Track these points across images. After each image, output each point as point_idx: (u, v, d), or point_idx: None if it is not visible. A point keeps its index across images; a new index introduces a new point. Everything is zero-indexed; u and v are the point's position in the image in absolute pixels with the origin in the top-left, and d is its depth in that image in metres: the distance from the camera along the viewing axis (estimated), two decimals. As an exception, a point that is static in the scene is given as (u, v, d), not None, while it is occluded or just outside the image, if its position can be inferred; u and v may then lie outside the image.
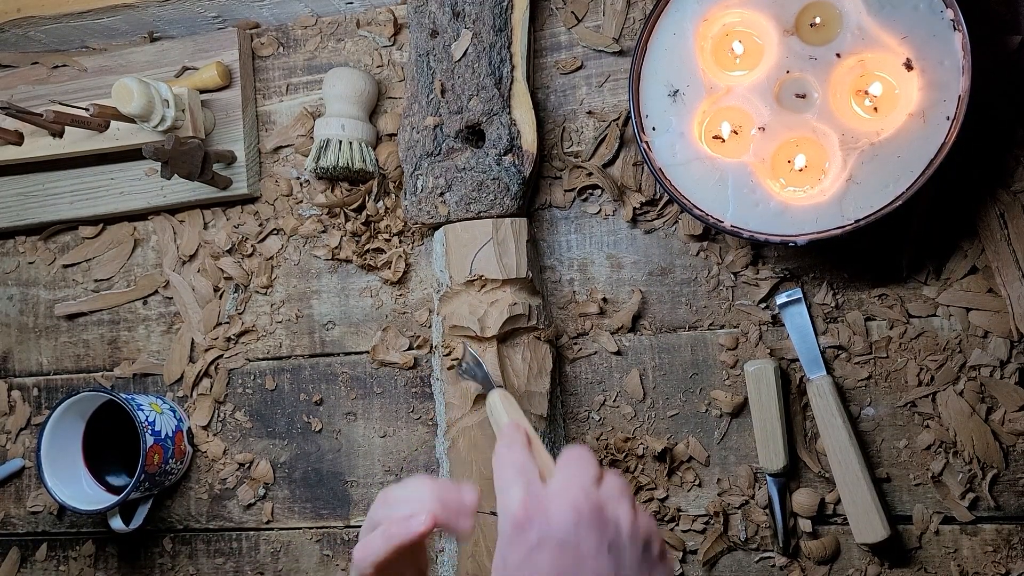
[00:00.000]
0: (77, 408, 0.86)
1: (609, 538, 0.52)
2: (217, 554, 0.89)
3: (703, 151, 0.72)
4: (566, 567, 0.51)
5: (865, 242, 0.75)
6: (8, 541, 0.94)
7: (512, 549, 0.52)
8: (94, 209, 0.91)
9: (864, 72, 0.69)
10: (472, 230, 0.77)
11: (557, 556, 0.51)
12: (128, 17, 0.90)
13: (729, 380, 0.77)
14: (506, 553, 0.52)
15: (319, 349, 0.87)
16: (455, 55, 0.79)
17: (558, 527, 0.51)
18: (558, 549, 0.51)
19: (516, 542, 0.52)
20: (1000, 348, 0.72)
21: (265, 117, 0.90)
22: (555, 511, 0.52)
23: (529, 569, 0.51)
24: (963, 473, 0.73)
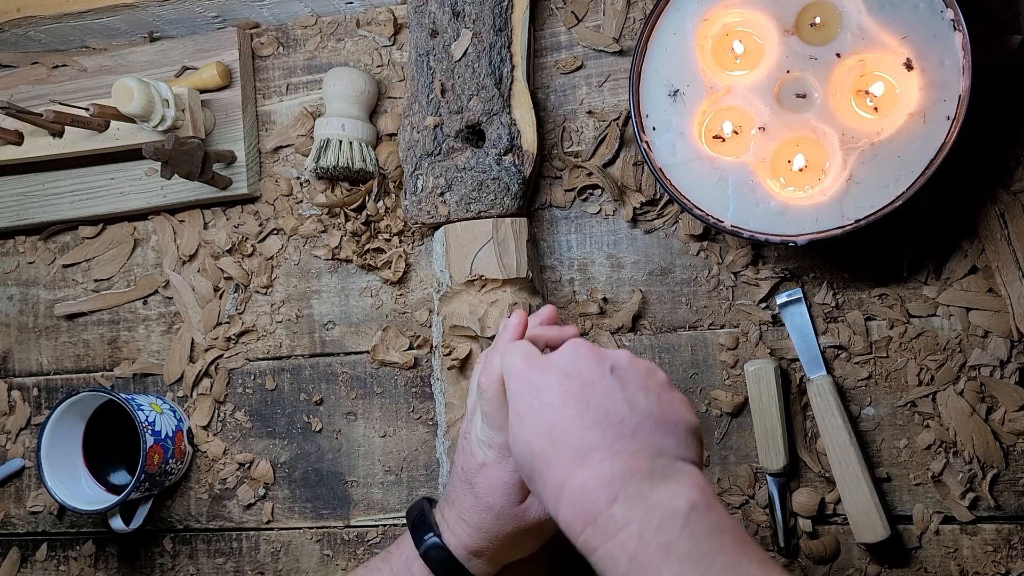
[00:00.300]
0: (77, 408, 0.86)
1: (609, 364, 0.55)
2: (217, 554, 0.89)
3: (703, 151, 0.72)
4: (573, 389, 0.53)
5: (865, 242, 0.75)
6: (8, 541, 0.94)
7: (520, 398, 0.55)
8: (94, 209, 0.91)
9: (864, 72, 0.69)
10: (472, 230, 0.77)
11: (563, 383, 0.54)
12: (128, 17, 0.90)
13: (729, 380, 0.77)
14: (516, 404, 0.55)
15: (319, 349, 0.87)
16: (455, 55, 0.79)
17: (559, 361, 0.55)
18: (563, 375, 0.54)
19: (521, 397, 0.55)
20: (1000, 348, 0.72)
21: (265, 117, 0.90)
22: (555, 356, 0.56)
23: (538, 405, 0.53)
24: (963, 473, 0.73)
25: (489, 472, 0.61)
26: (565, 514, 0.50)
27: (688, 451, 0.53)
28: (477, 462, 0.62)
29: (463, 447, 0.64)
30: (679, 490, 0.49)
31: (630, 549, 0.47)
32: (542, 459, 0.52)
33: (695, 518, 0.47)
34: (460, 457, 0.64)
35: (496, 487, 0.61)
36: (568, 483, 0.50)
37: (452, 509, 0.64)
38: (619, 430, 0.51)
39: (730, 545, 0.47)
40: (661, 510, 0.48)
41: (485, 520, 0.62)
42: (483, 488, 0.62)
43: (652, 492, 0.49)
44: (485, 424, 0.61)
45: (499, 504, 0.61)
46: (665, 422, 0.53)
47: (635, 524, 0.47)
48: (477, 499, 0.62)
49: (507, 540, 0.62)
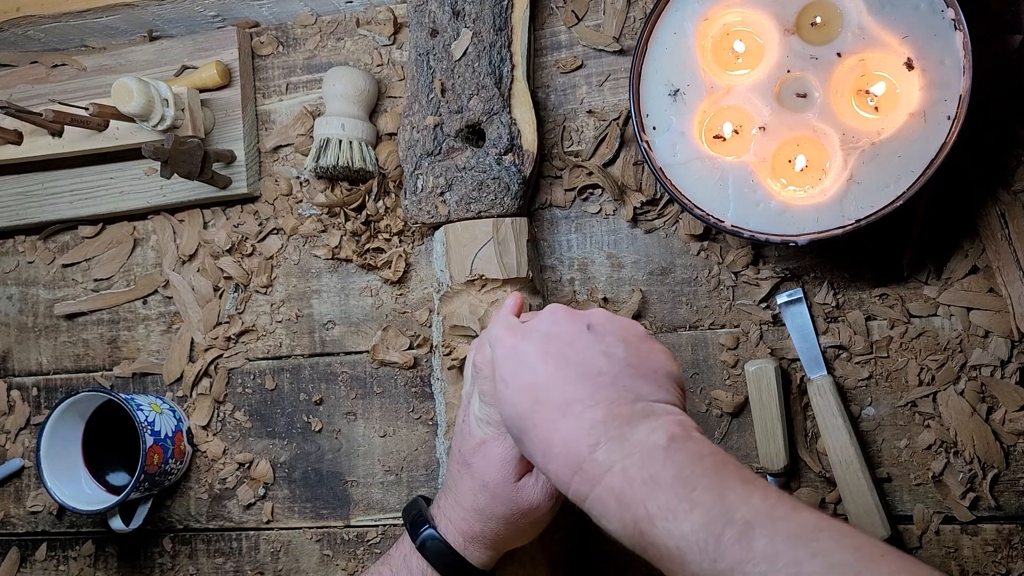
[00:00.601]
0: (77, 408, 0.86)
1: (586, 322, 0.57)
2: (217, 554, 0.88)
3: (704, 151, 0.72)
4: (552, 349, 0.55)
5: (866, 242, 0.75)
6: (8, 541, 0.94)
7: (506, 364, 0.57)
8: (94, 208, 0.91)
9: (865, 71, 0.69)
10: (472, 230, 0.77)
11: (543, 345, 0.56)
12: (127, 16, 0.90)
13: (730, 380, 0.77)
14: (501, 371, 0.57)
15: (319, 349, 0.87)
16: (455, 54, 0.78)
17: (538, 325, 0.58)
18: (542, 340, 0.56)
19: (506, 362, 0.57)
20: (1001, 348, 0.72)
21: (265, 116, 0.90)
22: (533, 321, 0.59)
23: (521, 368, 0.56)
24: (964, 473, 0.73)
25: (487, 449, 0.62)
26: (554, 466, 0.52)
27: (668, 395, 0.54)
28: (476, 441, 0.63)
29: (461, 430, 0.65)
30: (657, 425, 0.50)
31: (617, 489, 0.48)
32: (528, 418, 0.54)
33: (675, 448, 0.49)
34: (458, 441, 0.65)
35: (493, 463, 0.62)
36: (553, 436, 0.52)
37: (448, 495, 0.65)
38: (598, 380, 0.53)
39: (711, 468, 0.48)
40: (641, 447, 0.49)
41: (480, 500, 0.63)
42: (480, 466, 0.63)
43: (632, 432, 0.50)
44: (483, 402, 0.63)
45: (495, 480, 0.62)
46: (643, 370, 0.55)
47: (618, 465, 0.49)
48: (474, 479, 0.63)
49: (502, 522, 0.63)
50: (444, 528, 0.64)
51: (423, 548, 0.64)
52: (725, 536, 0.44)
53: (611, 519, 0.49)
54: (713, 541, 0.44)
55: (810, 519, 0.45)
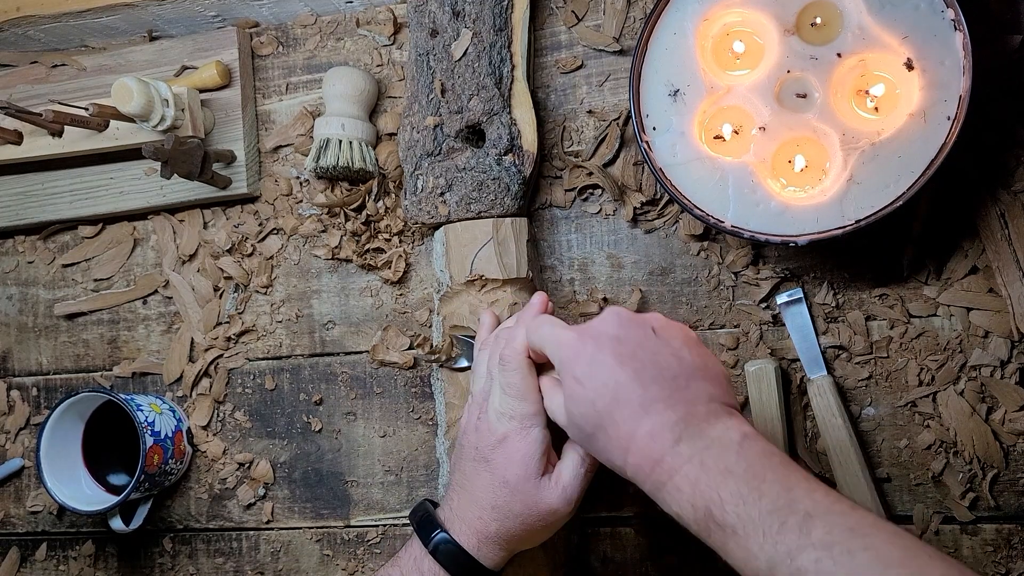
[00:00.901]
0: (76, 408, 0.86)
1: (651, 325, 0.61)
2: (217, 554, 0.88)
3: (703, 151, 0.72)
4: (626, 352, 0.58)
5: (866, 242, 0.75)
6: (8, 541, 0.94)
7: (577, 364, 0.59)
8: (94, 209, 0.91)
9: (865, 72, 0.69)
10: (472, 230, 0.77)
11: (616, 347, 0.59)
12: (127, 16, 0.90)
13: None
14: (573, 370, 0.59)
15: (319, 349, 0.87)
16: (455, 55, 0.78)
17: (606, 329, 0.60)
18: (615, 342, 0.59)
19: (578, 362, 0.59)
20: (1001, 348, 0.72)
21: (265, 116, 0.90)
22: (598, 324, 0.61)
23: (597, 368, 0.58)
24: (963, 473, 0.73)
25: (509, 444, 0.63)
26: (635, 459, 0.56)
27: (730, 397, 0.60)
28: (496, 436, 0.64)
29: (478, 427, 0.65)
30: (731, 425, 0.56)
31: (693, 477, 0.54)
32: (607, 415, 0.57)
33: (747, 445, 0.54)
34: (473, 438, 0.66)
35: (515, 459, 0.63)
36: (637, 432, 0.56)
37: (461, 494, 0.66)
38: (675, 383, 0.58)
39: (779, 465, 0.53)
40: (718, 442, 0.55)
41: (500, 497, 0.64)
42: (500, 462, 0.64)
43: (709, 430, 0.56)
44: (507, 395, 0.64)
45: (516, 476, 0.63)
46: (709, 373, 0.60)
47: (697, 457, 0.54)
48: (493, 475, 0.64)
49: (519, 521, 0.64)
50: (457, 529, 0.65)
51: (436, 552, 0.64)
52: (788, 523, 0.50)
53: (683, 503, 0.54)
54: (777, 526, 0.50)
55: (866, 517, 0.50)
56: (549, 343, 0.62)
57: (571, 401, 0.59)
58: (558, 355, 0.61)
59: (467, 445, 0.66)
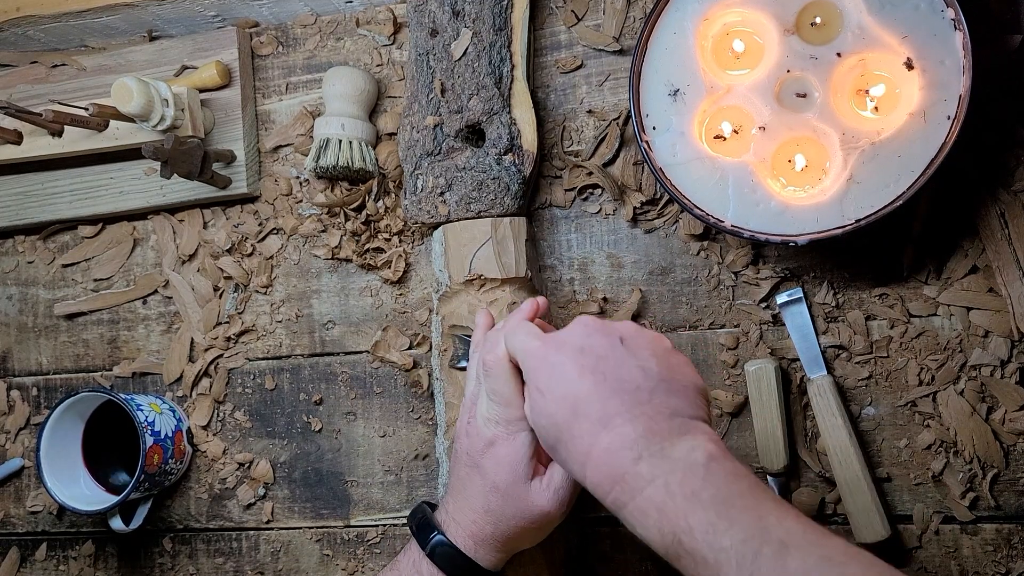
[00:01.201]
0: (76, 408, 0.86)
1: (618, 335, 0.59)
2: (217, 554, 0.88)
3: (703, 150, 0.72)
4: (588, 363, 0.57)
5: (866, 242, 0.75)
6: (8, 541, 0.94)
7: (540, 374, 0.58)
8: (93, 208, 0.91)
9: (865, 71, 0.69)
10: (471, 229, 0.77)
11: (578, 358, 0.57)
12: (127, 16, 0.90)
13: (729, 380, 0.77)
14: (536, 381, 0.59)
15: (319, 349, 0.87)
16: (455, 54, 0.78)
17: (571, 338, 0.59)
18: (578, 353, 0.58)
19: (540, 373, 0.58)
20: (1001, 348, 0.72)
21: (265, 116, 0.90)
22: (563, 334, 0.60)
23: (558, 379, 0.57)
24: (963, 473, 0.73)
25: (497, 450, 0.63)
26: (593, 476, 0.54)
27: (699, 410, 0.57)
28: (484, 441, 0.63)
29: (468, 432, 0.65)
30: (696, 444, 0.53)
31: (658, 501, 0.51)
32: (566, 429, 0.56)
33: (714, 467, 0.52)
34: (464, 443, 0.65)
35: (503, 464, 0.63)
36: (594, 448, 0.54)
37: (456, 498, 0.65)
38: (636, 396, 0.55)
39: (748, 490, 0.51)
40: (683, 463, 0.52)
41: (491, 501, 0.63)
42: (490, 467, 0.63)
43: (672, 449, 0.53)
44: (492, 402, 0.63)
45: (506, 482, 0.63)
46: (676, 385, 0.57)
47: (660, 479, 0.52)
48: (484, 480, 0.63)
49: (512, 523, 0.63)
50: (453, 532, 0.64)
51: (433, 555, 0.64)
52: (763, 553, 0.47)
53: (649, 528, 0.52)
54: (751, 556, 0.47)
55: (840, 545, 0.48)
56: (519, 352, 0.61)
57: (533, 412, 0.59)
58: (525, 365, 0.60)
59: (460, 450, 0.66)
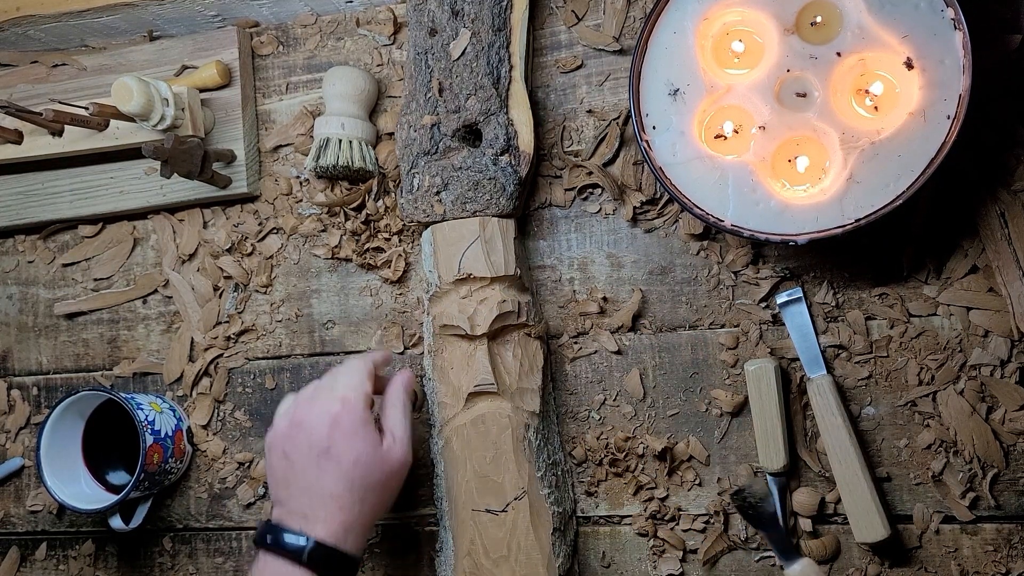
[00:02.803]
0: (77, 407, 0.86)
1: None
2: (217, 553, 0.89)
3: (703, 150, 0.72)
4: None
5: (866, 241, 0.75)
6: (8, 540, 0.94)
7: None
8: (94, 208, 0.91)
9: (865, 71, 0.69)
10: (459, 229, 0.77)
11: None
12: (128, 16, 0.90)
13: (729, 379, 0.77)
14: None
15: (319, 348, 0.87)
16: (453, 54, 0.78)
17: None
18: None
19: None
20: (1000, 347, 0.72)
21: (265, 116, 0.90)
22: None
23: None
24: (963, 472, 0.73)
25: (343, 427, 0.67)
26: None
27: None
28: (327, 421, 0.67)
29: (299, 429, 0.69)
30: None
31: None
32: None
33: None
34: (300, 440, 0.68)
35: (355, 436, 0.67)
36: None
37: (304, 498, 0.67)
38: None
39: None
40: None
41: (354, 476, 0.66)
42: (343, 446, 0.67)
43: None
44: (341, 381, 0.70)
45: (363, 450, 0.67)
46: None
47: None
48: (339, 462, 0.66)
49: (377, 491, 0.67)
50: (320, 531, 0.65)
51: (310, 560, 0.65)
52: None
53: None
54: None
55: None
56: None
57: None
58: None
59: (292, 454, 0.68)
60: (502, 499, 0.75)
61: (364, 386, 0.70)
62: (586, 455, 0.80)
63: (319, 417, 0.68)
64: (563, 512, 0.77)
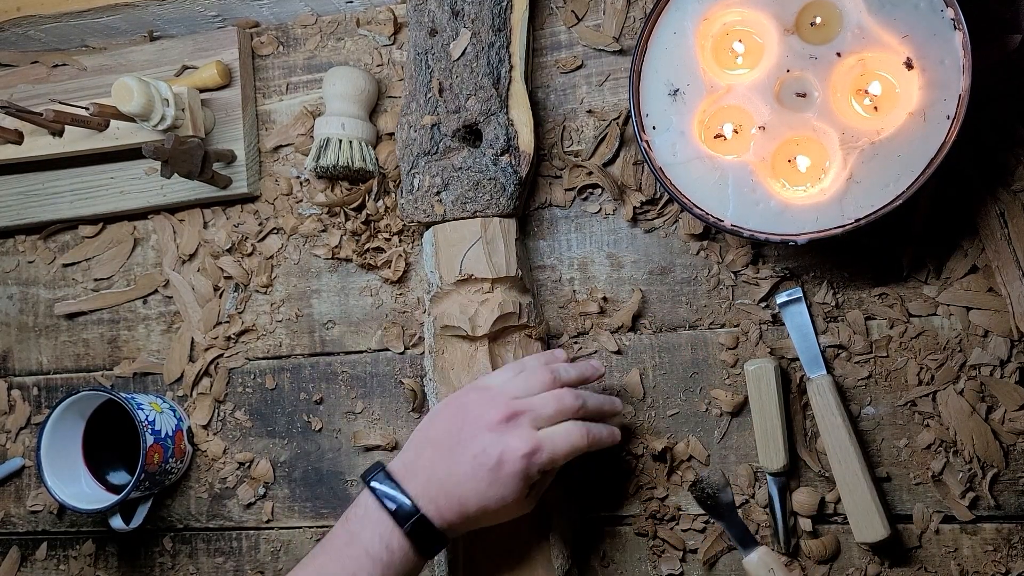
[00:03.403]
0: (77, 407, 0.86)
1: None
2: (217, 553, 0.89)
3: (703, 150, 0.72)
4: None
5: (865, 241, 0.75)
6: (8, 540, 0.94)
7: None
8: (94, 208, 0.91)
9: (864, 71, 0.69)
10: (461, 230, 0.77)
11: None
12: (128, 16, 0.90)
13: (729, 379, 0.77)
14: None
15: (319, 348, 0.87)
16: (453, 54, 0.78)
17: None
18: None
19: None
20: (1000, 347, 0.72)
21: (265, 116, 0.90)
22: None
23: None
24: (963, 472, 0.73)
25: (522, 464, 0.66)
26: None
27: None
28: (524, 450, 0.66)
29: (508, 429, 0.67)
30: None
31: None
32: None
33: None
34: (479, 442, 0.66)
35: (519, 480, 0.66)
36: None
37: (435, 475, 0.66)
38: None
39: None
40: None
41: (488, 508, 0.66)
42: (506, 482, 0.66)
43: None
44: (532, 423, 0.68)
45: (510, 499, 0.66)
46: None
47: None
48: (490, 490, 0.66)
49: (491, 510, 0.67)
50: (432, 511, 0.65)
51: (411, 533, 0.65)
52: None
53: None
54: None
55: None
56: None
57: None
58: None
59: (471, 441, 0.66)
60: (502, 499, 0.75)
61: (560, 459, 0.67)
62: (586, 455, 0.80)
63: (518, 442, 0.65)
64: (563, 512, 0.77)
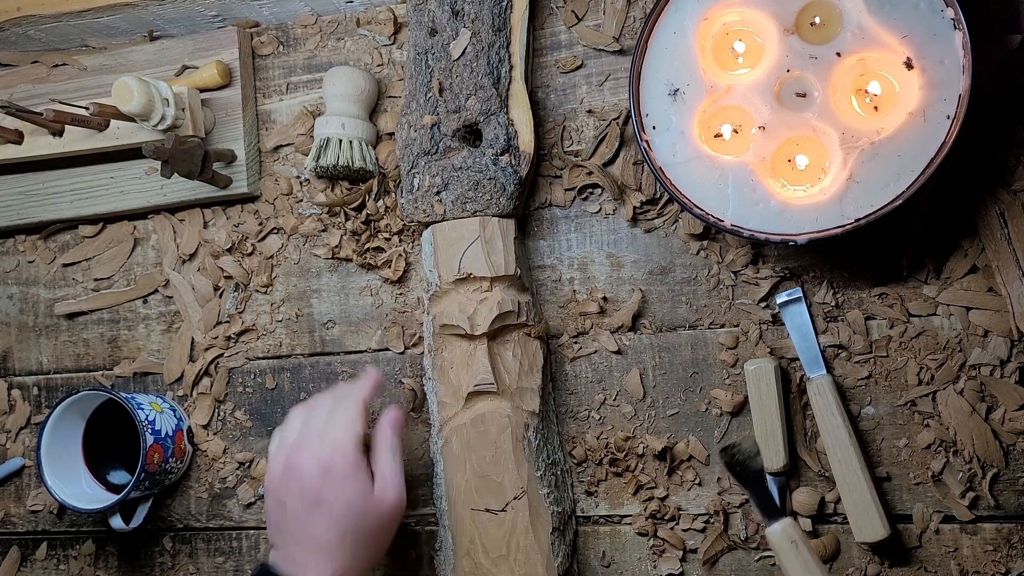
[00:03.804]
0: (77, 407, 0.86)
1: None
2: (217, 553, 0.89)
3: (703, 150, 0.72)
4: None
5: (865, 241, 0.75)
6: (8, 540, 0.94)
7: None
8: (94, 208, 0.91)
9: (864, 71, 0.69)
10: (460, 229, 0.77)
11: None
12: (128, 16, 0.90)
13: (729, 379, 0.77)
14: None
15: (319, 348, 0.87)
16: (453, 54, 0.78)
17: None
18: None
19: None
20: (1000, 347, 0.72)
21: (265, 116, 0.90)
22: None
23: None
24: (963, 472, 0.73)
25: (334, 472, 0.66)
26: None
27: None
28: (319, 468, 0.66)
29: (292, 475, 0.68)
30: None
31: None
32: None
33: None
34: (292, 487, 0.67)
35: (346, 483, 0.66)
36: None
37: (298, 548, 0.66)
38: None
39: None
40: None
41: (346, 526, 0.65)
42: (334, 494, 0.66)
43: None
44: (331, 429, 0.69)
45: (354, 499, 0.66)
46: None
47: None
48: (331, 513, 0.65)
49: (371, 538, 0.67)
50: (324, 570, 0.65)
51: None
52: None
53: None
54: None
55: None
56: None
57: None
58: None
59: (290, 496, 0.67)
60: (501, 498, 0.75)
61: (355, 429, 0.69)
62: (586, 455, 0.80)
63: (310, 465, 0.67)
64: (563, 512, 0.77)
